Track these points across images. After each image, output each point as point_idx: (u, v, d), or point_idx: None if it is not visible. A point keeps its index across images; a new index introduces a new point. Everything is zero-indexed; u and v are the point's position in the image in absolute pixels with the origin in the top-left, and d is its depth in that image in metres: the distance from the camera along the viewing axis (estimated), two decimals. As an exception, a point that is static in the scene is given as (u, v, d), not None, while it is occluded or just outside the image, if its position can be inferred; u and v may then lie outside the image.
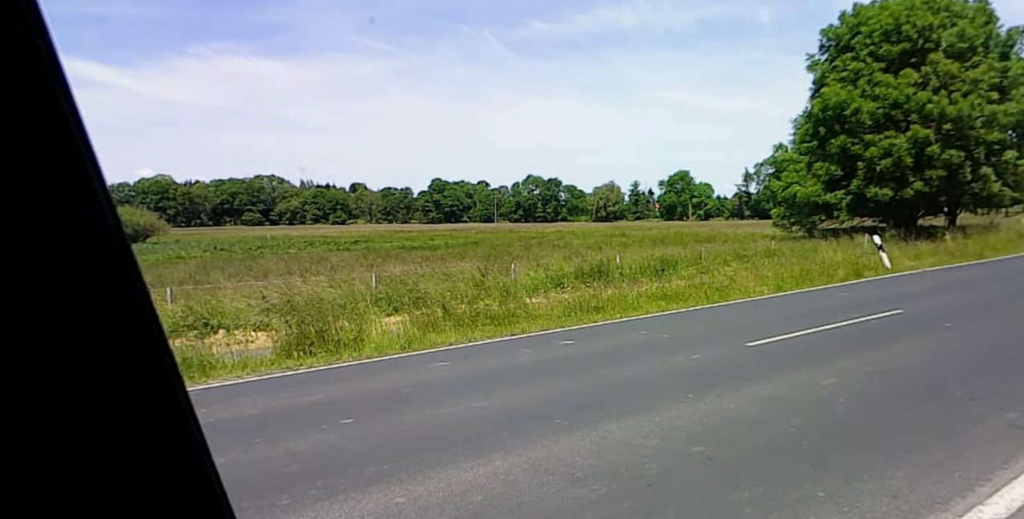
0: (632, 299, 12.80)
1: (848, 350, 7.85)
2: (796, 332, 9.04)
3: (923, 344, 8.09)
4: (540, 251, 30.86)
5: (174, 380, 0.57)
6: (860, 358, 7.34)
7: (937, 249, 23.42)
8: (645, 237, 42.81)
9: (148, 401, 0.56)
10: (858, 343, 8.28)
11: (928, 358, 7.33)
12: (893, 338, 8.50)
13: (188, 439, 0.58)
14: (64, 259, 0.51)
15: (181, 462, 0.58)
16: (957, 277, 16.51)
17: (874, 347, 7.95)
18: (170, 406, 0.57)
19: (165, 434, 0.57)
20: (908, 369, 6.84)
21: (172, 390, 0.57)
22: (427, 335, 10.17)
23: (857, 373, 6.68)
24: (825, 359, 7.37)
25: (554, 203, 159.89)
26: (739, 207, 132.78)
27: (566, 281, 18.10)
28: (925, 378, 6.43)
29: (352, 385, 7.32)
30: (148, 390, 0.56)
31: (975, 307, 11.14)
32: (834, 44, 34.14)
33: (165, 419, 0.57)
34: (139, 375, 0.55)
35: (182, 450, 0.58)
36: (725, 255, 22.39)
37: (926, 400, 5.66)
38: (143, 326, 0.55)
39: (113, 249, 0.53)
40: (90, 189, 0.52)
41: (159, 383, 0.56)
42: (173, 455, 0.58)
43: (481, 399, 6.28)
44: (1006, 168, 30.96)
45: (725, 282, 15.35)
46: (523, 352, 8.66)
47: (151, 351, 0.55)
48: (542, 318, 11.42)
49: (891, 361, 7.19)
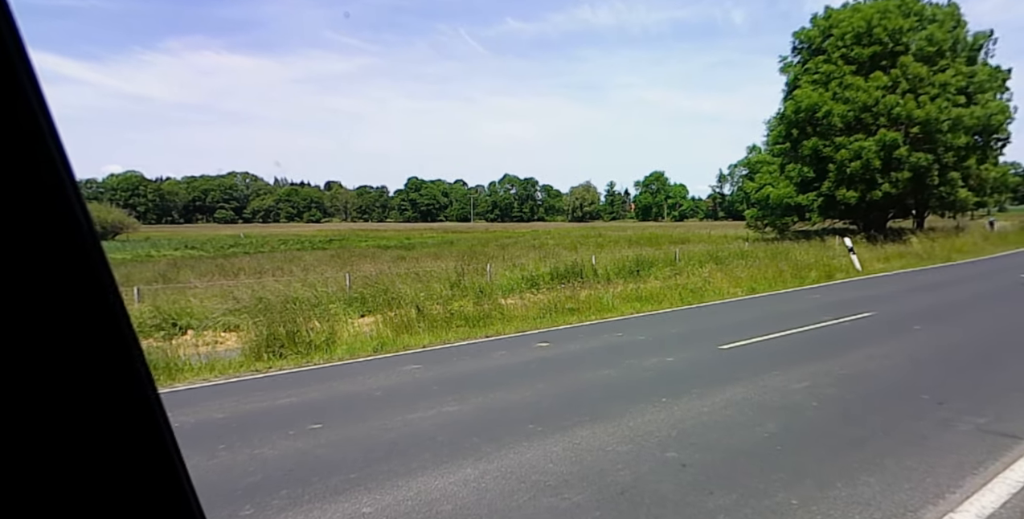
0: (607, 300, 12.79)
1: (819, 353, 7.90)
2: (768, 335, 9.09)
3: (893, 347, 8.18)
4: (516, 251, 30.79)
5: (144, 379, 0.57)
6: (831, 361, 7.40)
7: (905, 252, 23.89)
8: (620, 238, 42.99)
9: (118, 401, 0.55)
10: (829, 346, 8.34)
11: (898, 361, 7.40)
12: (863, 341, 8.59)
13: (158, 438, 0.58)
14: (32, 257, 0.50)
15: (151, 462, 0.58)
16: (925, 280, 16.84)
17: (845, 350, 8.02)
18: (140, 406, 0.56)
19: (135, 434, 0.56)
20: (878, 373, 6.90)
21: (142, 389, 0.56)
22: (400, 337, 10.02)
23: (828, 377, 6.72)
24: (797, 362, 7.41)
25: (531, 203, 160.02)
26: (713, 208, 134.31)
27: (541, 282, 18.04)
28: (895, 382, 6.49)
29: (322, 388, 7.15)
30: (118, 389, 0.55)
31: (944, 310, 11.34)
32: (806, 46, 34.57)
33: (135, 419, 0.56)
34: (109, 374, 0.54)
35: (152, 450, 0.57)
36: (700, 256, 22.53)
37: (896, 404, 5.70)
38: (114, 325, 0.54)
39: (83, 247, 0.52)
40: (59, 185, 0.51)
41: (129, 382, 0.56)
42: (143, 455, 0.57)
43: (454, 403, 6.17)
44: (969, 172, 31.67)
45: (699, 284, 15.44)
46: (498, 354, 8.57)
47: (122, 350, 0.55)
48: (517, 319, 11.34)
49: (862, 364, 7.25)
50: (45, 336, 0.51)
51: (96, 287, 0.53)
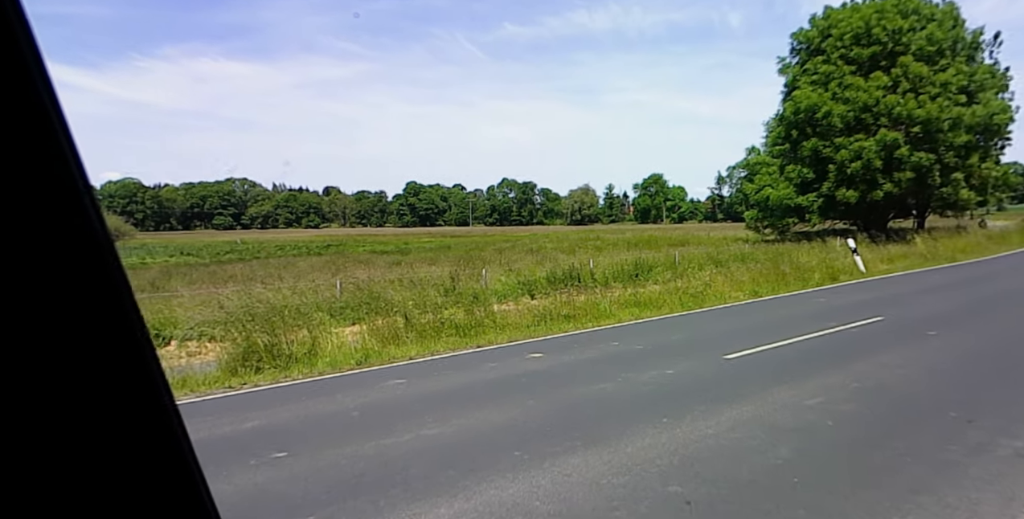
0: (605, 306, 12.26)
1: (830, 363, 7.37)
2: (775, 343, 8.56)
3: (908, 356, 7.65)
4: (513, 255, 30.33)
5: (159, 381, 0.57)
6: (844, 373, 6.86)
7: (909, 252, 23.38)
8: (619, 241, 42.48)
9: (134, 402, 0.55)
10: (840, 355, 7.81)
11: (916, 372, 6.87)
12: (876, 349, 8.05)
13: (174, 441, 0.58)
14: (50, 261, 0.51)
15: (167, 462, 0.57)
16: (933, 281, 16.31)
17: (857, 360, 7.48)
18: (155, 407, 0.56)
19: (151, 436, 0.56)
20: (896, 385, 6.37)
21: (157, 391, 0.56)
22: (387, 348, 9.49)
23: (843, 390, 6.19)
24: (807, 374, 6.87)
25: (529, 206, 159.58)
26: (712, 210, 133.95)
27: (537, 287, 17.57)
28: (916, 396, 5.96)
29: (296, 408, 6.61)
30: (133, 391, 0.55)
31: (957, 314, 10.81)
32: (805, 47, 34.19)
33: (150, 420, 0.56)
34: (124, 376, 0.54)
35: (168, 451, 0.57)
36: (700, 259, 22.03)
37: (922, 423, 5.17)
38: (127, 327, 0.54)
39: (98, 251, 0.53)
40: (75, 191, 0.51)
41: (144, 383, 0.56)
42: (160, 456, 0.57)
43: (435, 425, 5.64)
44: (971, 171, 31.27)
45: (700, 288, 14.92)
46: (487, 367, 8.03)
47: (136, 351, 0.55)
48: (510, 328, 10.81)
49: (877, 376, 6.72)
50: (62, 340, 0.51)
51: (111, 291, 0.53)
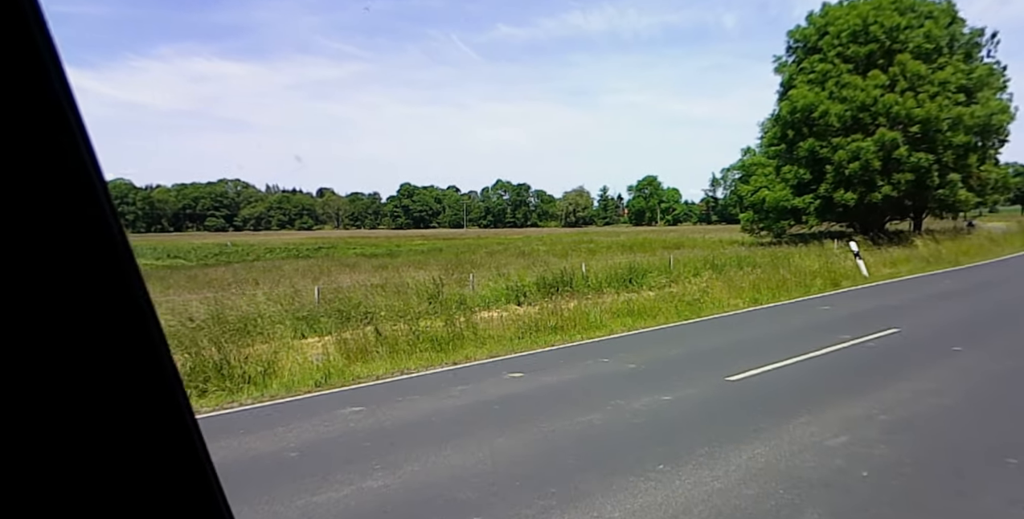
0: (595, 316, 11.30)
1: (849, 388, 6.43)
2: (783, 360, 7.62)
3: (937, 377, 6.72)
4: (504, 258, 29.47)
5: (173, 381, 0.57)
6: (867, 401, 5.92)
7: (911, 255, 22.57)
8: (613, 243, 41.61)
9: (149, 401, 0.55)
10: (859, 377, 6.87)
11: (952, 400, 5.93)
12: (898, 370, 7.12)
13: (188, 440, 0.58)
14: (67, 259, 0.51)
15: (182, 462, 0.57)
16: (942, 287, 15.44)
17: (879, 383, 6.55)
18: (170, 406, 0.56)
19: (166, 435, 0.56)
20: (933, 418, 5.43)
21: (172, 391, 0.56)
22: (352, 365, 8.49)
23: (871, 426, 5.24)
24: (825, 402, 5.93)
25: (524, 208, 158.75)
26: (706, 212, 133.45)
27: (528, 293, 16.67)
28: (961, 434, 5.02)
29: (228, 445, 5.62)
30: (148, 390, 0.55)
31: (980, 325, 9.89)
32: (801, 45, 33.52)
33: (165, 420, 0.56)
34: (139, 374, 0.54)
35: (183, 451, 0.57)
36: (695, 263, 21.15)
37: (977, 475, 4.22)
38: (143, 326, 0.54)
39: (114, 250, 0.53)
40: (91, 189, 0.51)
41: (159, 383, 0.55)
42: (174, 455, 0.57)
43: (382, 472, 4.67)
44: (970, 172, 30.68)
45: (697, 294, 14.01)
46: (458, 390, 7.02)
47: (150, 350, 0.55)
48: (492, 341, 9.83)
49: (908, 405, 5.78)
50: (77, 339, 0.51)
51: (126, 290, 0.53)
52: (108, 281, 0.52)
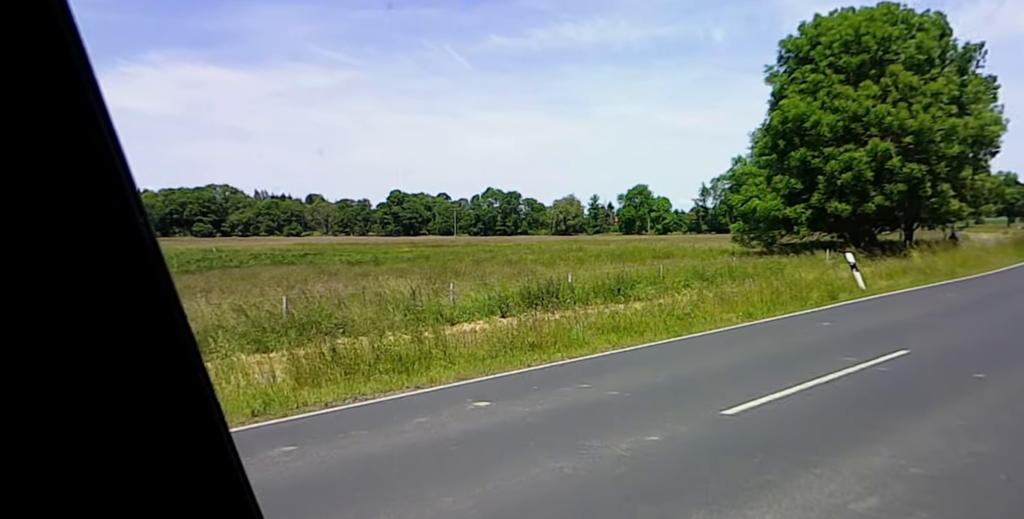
0: (577, 333, 10.50)
1: (866, 427, 5.59)
2: (784, 389, 6.81)
3: (964, 414, 5.88)
4: (491, 267, 28.72)
5: (202, 381, 0.56)
6: (890, 446, 5.07)
7: (907, 267, 22.00)
8: (602, 252, 40.94)
9: (178, 401, 0.54)
10: (873, 412, 6.04)
11: (987, 446, 5.02)
12: (917, 402, 6.31)
13: (218, 440, 0.57)
14: (95, 260, 0.50)
15: (215, 469, 0.57)
16: (945, 301, 14.80)
17: (899, 421, 5.69)
18: (199, 408, 0.56)
19: (197, 439, 0.56)
20: (977, 472, 4.55)
21: (201, 391, 0.56)
22: (302, 389, 7.63)
23: (901, 482, 4.36)
24: (840, 446, 5.09)
25: (514, 216, 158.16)
26: (696, 221, 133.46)
27: (510, 303, 15.92)
28: (1011, 491, 4.22)
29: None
30: (178, 391, 0.54)
31: (997, 346, 9.13)
32: (793, 55, 33.25)
33: (196, 423, 0.55)
34: (169, 375, 0.54)
35: (213, 451, 0.57)
36: (686, 273, 20.47)
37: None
38: (172, 326, 0.54)
39: (143, 250, 0.52)
40: (120, 190, 0.51)
41: (188, 384, 0.55)
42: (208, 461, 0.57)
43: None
44: (964, 183, 30.41)
45: (687, 307, 13.28)
46: (413, 425, 6.11)
47: (179, 351, 0.54)
48: (462, 360, 9.00)
49: (943, 452, 4.89)
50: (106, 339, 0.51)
51: (156, 290, 0.52)
52: (139, 284, 0.52)
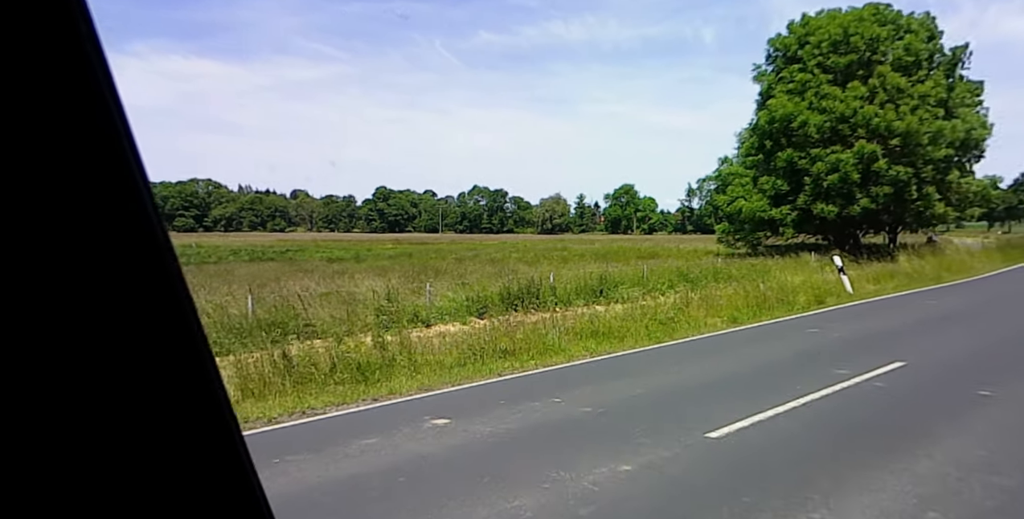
0: (553, 339, 9.86)
1: (868, 454, 4.98)
2: (775, 407, 6.18)
3: (978, 441, 5.26)
4: (473, 266, 28.07)
5: (215, 381, 0.56)
6: (898, 478, 4.45)
7: (894, 271, 21.63)
8: (587, 252, 40.40)
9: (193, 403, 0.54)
10: (874, 436, 5.42)
11: (1012, 479, 4.44)
12: (922, 425, 5.68)
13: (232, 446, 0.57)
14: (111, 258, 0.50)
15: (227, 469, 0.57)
16: (937, 307, 14.35)
17: (904, 446, 5.09)
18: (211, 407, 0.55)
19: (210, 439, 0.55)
20: (988, 499, 4.05)
21: (213, 391, 0.55)
22: (244, 402, 6.93)
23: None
24: (841, 478, 4.47)
25: (500, 214, 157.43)
26: (682, 222, 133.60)
27: (489, 304, 15.29)
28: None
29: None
30: (193, 392, 0.54)
31: (999, 358, 8.60)
32: (781, 54, 32.88)
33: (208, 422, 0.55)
34: (183, 374, 0.53)
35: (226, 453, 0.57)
36: (670, 274, 19.95)
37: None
38: (184, 324, 0.53)
39: (156, 248, 0.52)
40: (135, 188, 0.51)
41: (202, 383, 0.55)
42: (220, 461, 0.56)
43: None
44: (950, 187, 30.23)
45: (671, 311, 12.71)
46: (361, 446, 5.40)
47: (192, 350, 0.54)
48: (427, 368, 8.32)
49: (956, 490, 4.30)
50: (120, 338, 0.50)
51: (168, 287, 0.52)
52: (151, 281, 0.51)
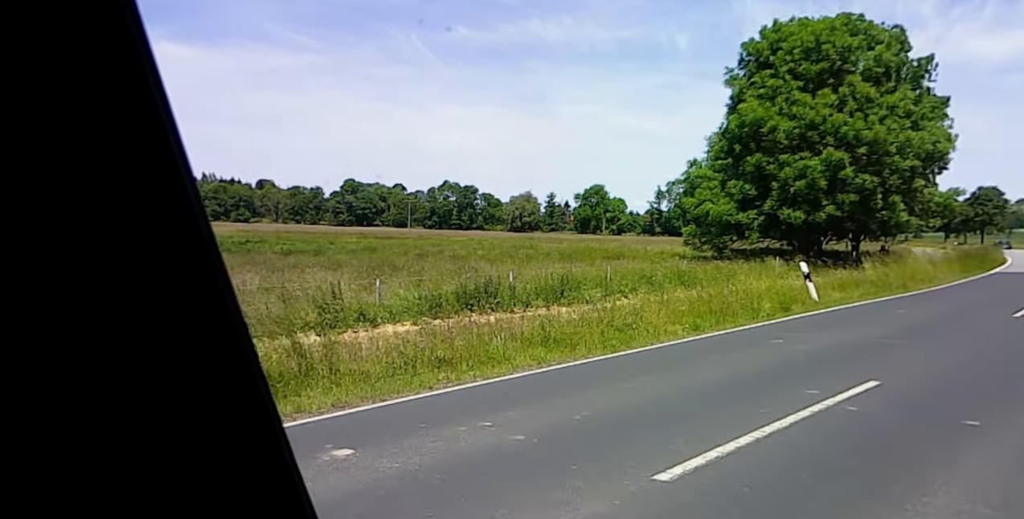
0: (496, 347, 8.95)
1: (849, 504, 4.19)
2: (736, 439, 5.31)
3: (973, 482, 4.54)
4: (433, 262, 27.09)
5: (259, 378, 0.56)
6: None
7: (860, 278, 21.36)
8: (553, 251, 39.70)
9: (237, 400, 0.54)
10: (851, 478, 4.60)
11: None
12: (908, 462, 4.89)
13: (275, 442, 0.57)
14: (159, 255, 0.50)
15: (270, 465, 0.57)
16: (905, 317, 13.89)
17: (893, 492, 4.31)
18: (257, 405, 0.55)
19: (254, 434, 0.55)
20: None
21: (258, 388, 0.55)
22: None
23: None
24: None
25: (469, 211, 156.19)
26: (650, 223, 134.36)
27: (442, 304, 14.39)
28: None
29: None
30: (236, 389, 0.54)
31: (979, 375, 8.02)
32: (754, 59, 32.72)
33: (252, 419, 0.55)
34: (227, 372, 0.53)
35: (269, 449, 0.56)
36: (633, 276, 19.30)
37: None
38: (228, 321, 0.54)
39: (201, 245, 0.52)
40: (181, 183, 0.51)
41: (246, 381, 0.55)
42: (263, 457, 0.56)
43: None
44: (915, 196, 30.45)
45: (629, 316, 11.96)
46: None
47: (236, 347, 0.54)
48: (349, 379, 7.32)
49: None
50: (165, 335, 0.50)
51: (213, 284, 0.52)
52: (196, 277, 0.51)
